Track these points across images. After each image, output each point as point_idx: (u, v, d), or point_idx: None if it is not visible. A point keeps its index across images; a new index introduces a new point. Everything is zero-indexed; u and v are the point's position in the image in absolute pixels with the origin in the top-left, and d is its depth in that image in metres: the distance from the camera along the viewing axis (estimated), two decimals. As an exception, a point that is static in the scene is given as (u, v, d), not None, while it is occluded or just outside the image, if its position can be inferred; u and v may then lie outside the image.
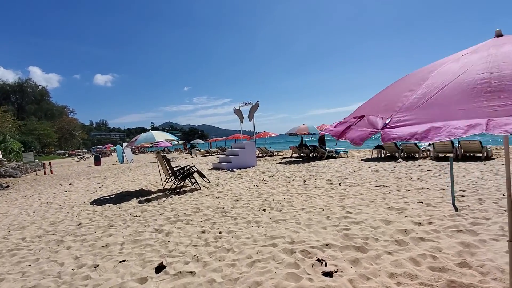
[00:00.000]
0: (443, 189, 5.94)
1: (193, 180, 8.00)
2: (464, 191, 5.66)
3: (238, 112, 15.30)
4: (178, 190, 7.44)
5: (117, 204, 6.54)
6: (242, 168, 12.42)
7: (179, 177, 7.68)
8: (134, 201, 6.70)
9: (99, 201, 7.13)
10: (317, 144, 16.34)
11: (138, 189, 8.58)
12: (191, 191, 7.39)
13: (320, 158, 14.90)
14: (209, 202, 5.90)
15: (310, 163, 13.23)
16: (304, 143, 16.86)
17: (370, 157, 13.85)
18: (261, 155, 20.77)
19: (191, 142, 40.30)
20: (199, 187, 7.72)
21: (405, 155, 12.51)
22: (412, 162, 10.96)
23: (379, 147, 13.66)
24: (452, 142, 11.03)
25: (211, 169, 13.04)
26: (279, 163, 14.31)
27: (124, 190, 8.51)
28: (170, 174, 7.82)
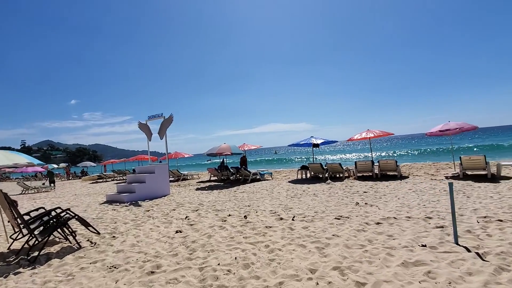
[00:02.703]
0: (409, 217, 5.12)
1: (67, 232, 4.83)
2: (430, 218, 4.96)
3: (144, 128, 12.20)
4: (36, 254, 4.19)
5: None
6: (151, 199, 9.43)
7: (37, 231, 4.42)
8: None
9: None
10: (238, 166, 14.76)
11: None
12: (61, 254, 4.26)
13: (244, 181, 13.29)
14: (95, 283, 3.14)
15: (235, 188, 11.38)
16: (225, 164, 14.98)
17: (296, 178, 13.16)
18: (172, 179, 17.63)
19: (48, 165, 26.73)
20: (78, 245, 4.61)
21: (331, 175, 12.29)
22: (340, 182, 10.63)
23: (304, 167, 13.16)
24: (372, 162, 11.37)
25: (104, 203, 9.43)
26: (198, 189, 11.88)
27: None
28: (22, 226, 4.46)
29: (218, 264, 3.31)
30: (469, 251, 3.25)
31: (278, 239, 4.17)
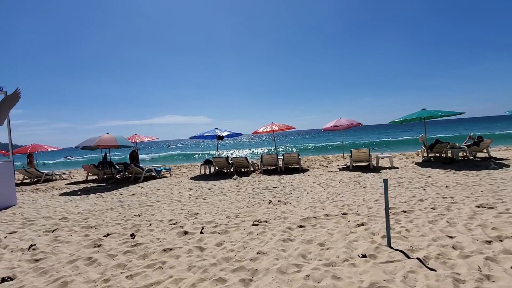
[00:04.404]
0: (327, 215, 4.77)
1: None
2: (346, 214, 4.75)
3: (-30, 107, 8.08)
4: None
5: None
6: (-24, 217, 6.14)
7: None
8: None
9: None
10: (128, 162, 12.14)
11: None
12: None
13: (136, 180, 10.93)
14: None
15: (122, 189, 9.07)
16: (109, 159, 12.01)
17: (199, 174, 11.81)
18: (29, 181, 13.05)
19: None
20: None
21: (237, 170, 11.58)
22: (247, 177, 10.03)
23: (207, 162, 11.96)
24: (277, 155, 11.31)
25: None
26: (66, 194, 8.87)
27: None
28: None
29: None
30: (408, 256, 2.89)
31: (184, 271, 2.85)
